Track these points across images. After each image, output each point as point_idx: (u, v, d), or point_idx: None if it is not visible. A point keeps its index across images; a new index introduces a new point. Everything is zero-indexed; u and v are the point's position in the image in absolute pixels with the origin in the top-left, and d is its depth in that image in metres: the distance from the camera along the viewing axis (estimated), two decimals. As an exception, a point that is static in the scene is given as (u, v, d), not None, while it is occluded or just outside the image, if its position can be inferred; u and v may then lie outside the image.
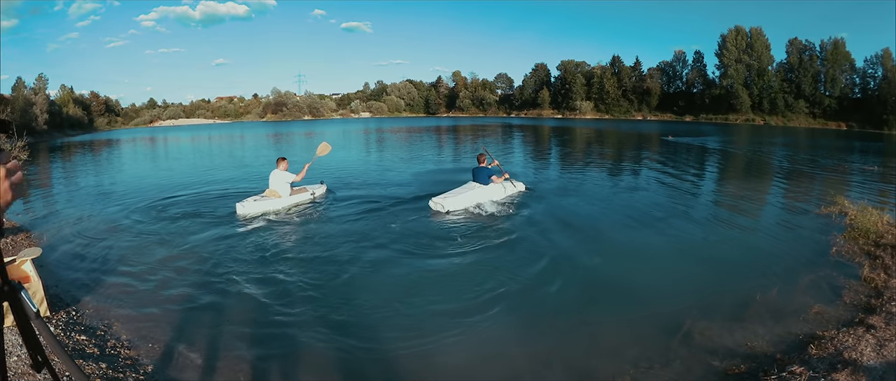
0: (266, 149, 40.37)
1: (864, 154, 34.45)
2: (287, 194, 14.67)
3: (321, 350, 6.54)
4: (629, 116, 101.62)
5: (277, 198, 14.45)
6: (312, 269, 9.53)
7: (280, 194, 14.52)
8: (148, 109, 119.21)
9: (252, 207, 13.97)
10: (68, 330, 6.70)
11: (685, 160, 29.16)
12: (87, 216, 14.33)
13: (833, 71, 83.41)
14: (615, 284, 8.96)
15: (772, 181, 21.41)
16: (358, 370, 6.15)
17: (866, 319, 6.95)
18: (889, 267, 9.13)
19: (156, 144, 51.27)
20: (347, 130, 67.97)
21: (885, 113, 72.13)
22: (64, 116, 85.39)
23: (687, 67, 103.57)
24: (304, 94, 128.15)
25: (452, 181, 16.89)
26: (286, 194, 14.64)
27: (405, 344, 6.65)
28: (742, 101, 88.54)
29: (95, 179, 22.76)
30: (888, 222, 11.97)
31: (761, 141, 46.28)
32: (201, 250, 10.82)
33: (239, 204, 14.03)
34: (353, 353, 6.46)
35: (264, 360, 6.28)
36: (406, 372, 6.13)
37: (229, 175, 22.73)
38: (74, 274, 9.40)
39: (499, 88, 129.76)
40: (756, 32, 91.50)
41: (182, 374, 5.93)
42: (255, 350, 6.48)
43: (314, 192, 15.67)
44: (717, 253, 10.79)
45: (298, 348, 6.60)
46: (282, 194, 14.54)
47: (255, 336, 6.85)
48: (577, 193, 17.28)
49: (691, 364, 6.09)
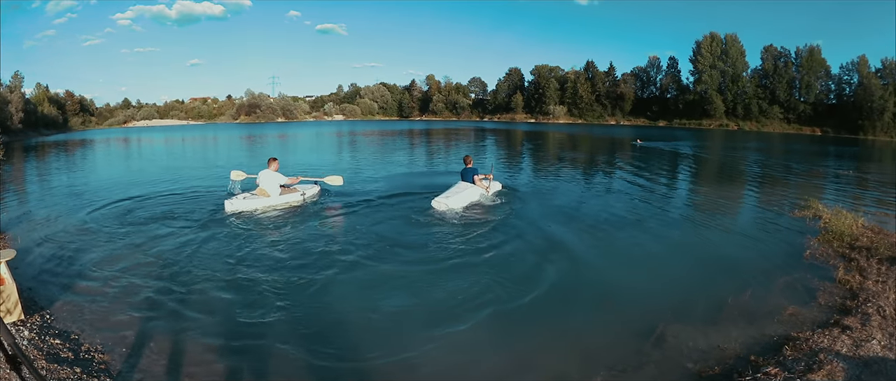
0: (238, 150, 40.17)
1: (840, 159, 35.10)
2: (276, 193, 14.82)
3: (294, 355, 6.36)
4: (602, 121, 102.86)
5: (266, 197, 14.62)
6: (289, 272, 9.30)
7: (269, 193, 14.69)
8: (122, 109, 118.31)
9: (240, 204, 14.15)
10: (43, 334, 6.60)
11: (657, 165, 29.39)
12: (63, 218, 13.90)
13: (808, 77, 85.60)
14: (588, 287, 8.86)
15: (745, 185, 21.60)
16: (330, 376, 5.98)
17: (842, 320, 6.92)
18: (864, 269, 9.18)
19: (130, 145, 50.25)
20: (321, 132, 67.91)
21: (861, 118, 74.20)
22: (39, 115, 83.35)
23: (661, 73, 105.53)
24: (278, 95, 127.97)
25: (436, 183, 17.74)
26: (275, 193, 14.80)
27: (379, 349, 6.48)
28: (716, 106, 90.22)
29: (70, 180, 22.16)
30: (863, 226, 12.09)
31: (734, 146, 47.06)
32: (176, 252, 10.54)
33: (227, 201, 14.17)
34: (325, 358, 6.27)
35: (237, 364, 6.13)
36: (379, 376, 5.98)
37: (201, 176, 22.50)
38: (49, 276, 9.13)
39: (472, 92, 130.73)
40: (731, 39, 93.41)
41: (157, 379, 5.81)
42: (227, 354, 6.32)
43: (305, 193, 15.64)
44: (690, 256, 10.78)
45: (271, 352, 6.42)
46: (271, 193, 14.71)
47: (228, 340, 6.67)
48: (549, 196, 17.21)
49: (665, 367, 5.99)
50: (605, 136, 60.10)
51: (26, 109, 78.42)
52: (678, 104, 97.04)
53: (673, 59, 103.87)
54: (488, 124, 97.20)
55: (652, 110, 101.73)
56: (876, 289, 8.13)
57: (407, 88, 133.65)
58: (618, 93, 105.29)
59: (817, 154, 39.29)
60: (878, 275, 8.84)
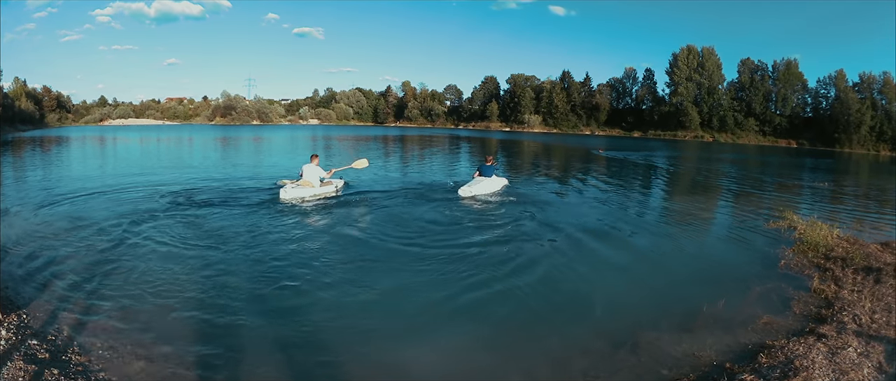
0: (213, 152, 39.83)
1: (816, 171, 35.71)
2: (318, 184, 17.56)
3: (280, 352, 6.37)
4: (577, 131, 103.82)
5: (310, 186, 17.32)
6: (271, 265, 9.56)
7: (312, 183, 17.40)
8: (98, 106, 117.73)
9: (292, 192, 16.71)
10: (20, 334, 6.47)
11: (632, 175, 29.67)
12: (40, 216, 13.60)
13: (785, 90, 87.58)
14: (562, 294, 8.85)
15: (719, 196, 21.91)
16: (305, 373, 6.00)
17: (817, 328, 6.99)
18: (840, 279, 9.32)
19: (105, 143, 49.63)
20: (296, 136, 67.81)
21: (837, 132, 75.76)
22: (16, 111, 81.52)
23: (637, 84, 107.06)
24: (254, 98, 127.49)
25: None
26: (317, 184, 17.54)
27: (354, 353, 6.42)
28: (691, 118, 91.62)
29: (47, 177, 21.66)
30: (838, 236, 12.28)
31: (709, 157, 47.89)
32: (154, 251, 10.44)
33: (282, 190, 16.79)
34: (311, 357, 6.34)
35: (213, 362, 6.09)
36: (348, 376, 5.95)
37: (178, 176, 22.48)
38: (26, 275, 8.92)
39: (448, 100, 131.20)
40: (708, 51, 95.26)
41: None
42: (206, 352, 6.29)
43: (338, 186, 18.73)
44: (664, 265, 10.85)
45: (252, 349, 6.42)
46: (314, 183, 17.44)
47: (207, 338, 6.65)
48: (529, 203, 17.22)
49: (640, 373, 5.98)
50: (578, 146, 60.42)
51: (4, 104, 77.28)
52: (653, 115, 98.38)
53: (649, 70, 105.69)
54: (463, 132, 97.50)
55: (627, 121, 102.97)
56: (851, 298, 8.25)
57: (382, 94, 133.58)
58: (593, 103, 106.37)
59: (793, 166, 40.12)
60: (854, 285, 8.98)
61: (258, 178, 21.89)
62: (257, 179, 21.61)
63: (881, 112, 75.27)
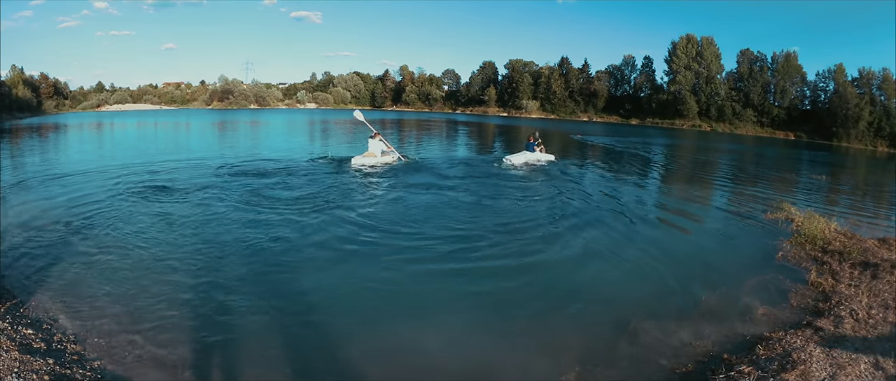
0: (211, 137, 39.44)
1: (813, 164, 35.69)
2: (379, 155, 22.17)
3: (271, 341, 6.40)
4: (575, 117, 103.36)
5: (374, 157, 21.88)
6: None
7: (376, 154, 22.02)
8: (96, 92, 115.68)
9: (361, 161, 21.43)
10: (15, 324, 6.45)
11: (629, 164, 29.58)
12: (36, 205, 13.50)
13: (783, 82, 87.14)
14: (561, 284, 8.88)
15: (717, 187, 21.87)
16: (304, 367, 5.98)
17: (814, 321, 7.06)
18: (837, 273, 9.38)
19: (103, 129, 49.24)
20: (293, 120, 68.15)
21: (835, 125, 75.72)
22: (13, 98, 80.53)
23: (636, 72, 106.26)
24: (252, 82, 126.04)
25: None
26: (379, 154, 22.15)
27: (350, 344, 6.45)
28: (689, 107, 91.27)
29: (42, 165, 21.46)
30: (836, 230, 12.32)
31: (707, 146, 47.56)
32: (150, 238, 10.45)
33: (354, 158, 21.64)
34: (303, 346, 6.37)
35: (208, 351, 6.13)
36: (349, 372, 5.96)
37: (177, 161, 22.43)
38: (21, 264, 8.92)
39: (445, 84, 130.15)
40: (707, 41, 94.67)
41: (129, 370, 5.74)
42: (200, 342, 6.31)
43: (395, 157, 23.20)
44: (662, 255, 10.83)
45: (246, 340, 6.44)
46: (376, 154, 22.08)
47: (201, 328, 6.65)
48: (517, 191, 17.23)
49: (638, 363, 6.05)
50: (572, 131, 60.35)
51: (1, 92, 76.67)
52: (651, 103, 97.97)
53: (648, 58, 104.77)
54: (461, 117, 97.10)
55: (625, 108, 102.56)
56: (849, 292, 8.31)
57: (380, 78, 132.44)
58: (591, 90, 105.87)
59: (791, 159, 40.11)
60: (851, 279, 9.04)
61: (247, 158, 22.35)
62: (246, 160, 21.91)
63: (880, 108, 75.04)
